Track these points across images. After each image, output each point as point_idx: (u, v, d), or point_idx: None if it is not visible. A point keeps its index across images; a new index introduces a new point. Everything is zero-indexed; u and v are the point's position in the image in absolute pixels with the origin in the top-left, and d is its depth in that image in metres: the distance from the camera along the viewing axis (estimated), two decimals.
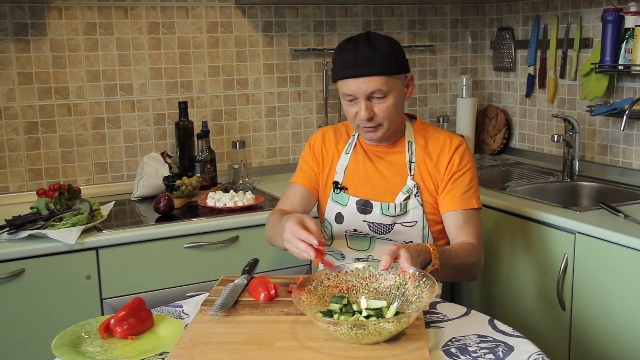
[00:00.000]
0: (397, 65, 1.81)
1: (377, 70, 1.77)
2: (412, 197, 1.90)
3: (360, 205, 1.92)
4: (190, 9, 2.80)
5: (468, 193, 1.90)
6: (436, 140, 1.94)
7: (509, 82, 3.27)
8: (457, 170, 1.90)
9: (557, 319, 2.21)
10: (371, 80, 1.78)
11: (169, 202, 2.35)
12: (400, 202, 1.89)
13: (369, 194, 1.93)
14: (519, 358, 1.35)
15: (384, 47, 1.79)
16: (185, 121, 2.69)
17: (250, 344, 1.40)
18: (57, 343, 1.43)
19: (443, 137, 1.95)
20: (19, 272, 2.04)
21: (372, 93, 1.80)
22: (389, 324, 1.34)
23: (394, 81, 1.81)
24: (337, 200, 1.96)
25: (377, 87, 1.78)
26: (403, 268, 1.53)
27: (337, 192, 1.96)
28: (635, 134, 2.68)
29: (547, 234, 2.21)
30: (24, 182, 2.63)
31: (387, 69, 1.78)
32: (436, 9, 3.26)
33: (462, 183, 1.90)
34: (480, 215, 1.92)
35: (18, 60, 2.56)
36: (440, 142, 1.94)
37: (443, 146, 1.93)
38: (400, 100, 1.85)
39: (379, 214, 1.91)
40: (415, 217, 1.90)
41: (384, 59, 1.77)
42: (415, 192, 1.90)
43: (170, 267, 2.24)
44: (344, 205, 1.95)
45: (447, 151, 1.92)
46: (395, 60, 1.81)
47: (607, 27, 2.57)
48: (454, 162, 1.91)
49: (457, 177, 1.90)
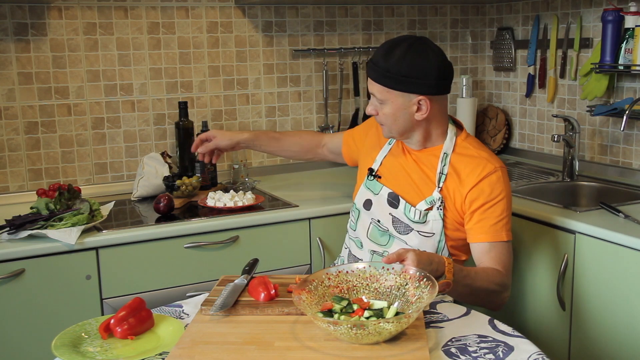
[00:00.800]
0: (398, 82, 1.81)
1: (374, 77, 1.86)
2: (434, 208, 1.87)
3: (390, 198, 1.94)
4: (190, 9, 2.80)
5: (498, 225, 1.83)
6: (471, 158, 1.88)
7: (509, 82, 3.27)
8: (488, 200, 1.83)
9: (557, 319, 2.21)
10: (372, 84, 1.88)
11: (169, 202, 2.35)
12: (421, 210, 1.87)
13: (399, 188, 1.94)
14: (519, 358, 1.35)
15: (395, 61, 1.80)
16: (185, 121, 2.69)
17: (250, 344, 1.41)
18: (57, 343, 1.44)
19: (479, 158, 1.88)
20: (19, 272, 2.04)
21: (373, 94, 1.88)
22: (388, 324, 1.34)
23: (392, 94, 1.84)
24: (370, 187, 2.00)
25: (373, 91, 1.88)
26: (406, 269, 1.53)
27: (371, 180, 2.00)
28: (635, 134, 2.68)
29: (547, 234, 2.21)
30: (24, 182, 2.63)
31: (384, 81, 1.84)
32: (436, 9, 3.26)
33: (492, 214, 1.83)
34: (510, 248, 1.86)
35: (18, 60, 2.56)
36: (474, 162, 1.87)
37: (475, 167, 1.86)
38: (401, 114, 1.86)
39: (402, 212, 1.91)
40: (433, 229, 1.88)
41: (385, 70, 1.82)
42: (439, 204, 1.86)
43: (170, 267, 2.24)
44: (375, 193, 1.98)
45: (476, 174, 1.84)
46: (399, 77, 1.81)
47: (607, 27, 2.57)
48: (482, 190, 1.83)
49: (488, 208, 1.83)
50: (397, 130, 1.90)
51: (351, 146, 2.26)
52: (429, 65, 1.81)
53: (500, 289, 1.80)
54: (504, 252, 1.84)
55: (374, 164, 2.03)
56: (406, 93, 1.83)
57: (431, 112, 1.85)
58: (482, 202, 1.83)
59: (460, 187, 1.86)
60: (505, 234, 1.84)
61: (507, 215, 1.85)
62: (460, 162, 1.88)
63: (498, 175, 1.85)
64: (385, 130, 1.94)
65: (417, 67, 1.80)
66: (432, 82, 1.82)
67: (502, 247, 1.83)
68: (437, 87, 1.84)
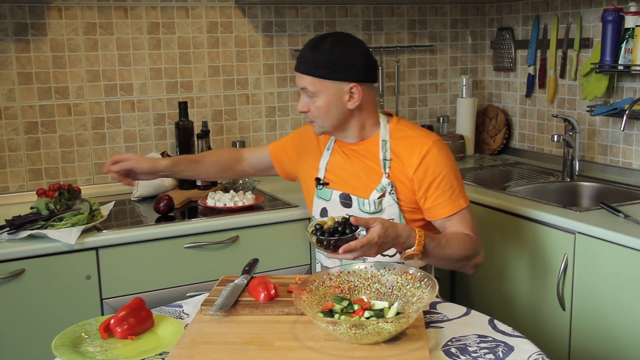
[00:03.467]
0: (330, 71, 1.86)
1: (304, 70, 1.89)
2: (386, 195, 1.91)
3: (342, 199, 1.96)
4: (190, 9, 2.80)
5: (453, 196, 1.88)
6: (408, 139, 1.93)
7: (509, 82, 3.28)
8: (436, 176, 1.88)
9: (557, 319, 2.21)
10: (301, 77, 1.90)
11: (169, 202, 2.35)
12: (375, 200, 1.91)
13: (348, 188, 1.96)
14: (519, 358, 1.35)
15: (324, 52, 1.86)
16: (185, 121, 2.69)
17: (250, 344, 1.41)
18: (57, 343, 1.44)
19: (416, 138, 1.93)
20: (19, 272, 2.04)
21: (303, 89, 1.91)
22: (388, 324, 1.34)
23: (324, 84, 1.87)
24: (321, 196, 2.01)
25: (304, 84, 1.90)
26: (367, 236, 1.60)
27: (320, 188, 2.01)
28: (635, 134, 2.68)
29: (547, 234, 2.21)
30: (24, 182, 2.63)
31: (315, 72, 1.87)
32: (436, 9, 3.26)
33: (444, 188, 1.88)
34: (471, 210, 1.92)
35: (18, 60, 2.56)
36: (412, 143, 1.92)
37: (414, 148, 1.90)
38: (334, 105, 1.89)
39: (357, 209, 1.94)
40: (391, 214, 1.91)
41: (315, 61, 1.86)
42: (390, 189, 1.91)
43: (170, 267, 2.24)
44: (327, 200, 2.00)
45: (416, 155, 1.89)
46: (330, 66, 1.86)
47: (607, 27, 2.57)
48: (427, 167, 1.88)
49: (438, 183, 1.87)
50: (331, 123, 1.92)
51: (284, 161, 2.21)
52: (356, 54, 1.88)
53: (473, 252, 1.86)
54: (467, 217, 1.90)
55: (319, 173, 2.04)
56: (338, 81, 1.87)
57: (363, 100, 1.90)
58: (431, 180, 1.88)
59: (405, 169, 1.90)
60: (463, 200, 1.91)
61: (458, 183, 1.91)
62: (399, 145, 1.93)
63: (436, 150, 1.90)
64: (317, 126, 1.95)
65: (346, 55, 1.87)
66: (361, 69, 1.88)
67: (464, 213, 1.90)
68: (366, 73, 1.90)
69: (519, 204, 2.32)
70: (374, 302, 1.49)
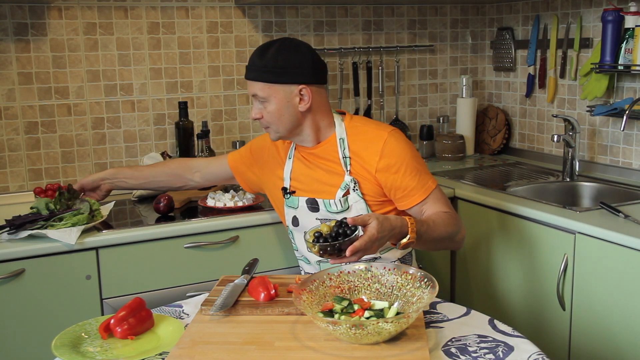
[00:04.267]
0: (278, 75, 1.89)
1: (253, 76, 1.92)
2: (351, 192, 1.93)
3: (309, 204, 1.98)
4: (190, 9, 2.80)
5: (421, 180, 1.92)
6: (364, 134, 1.95)
7: (509, 82, 3.27)
8: (399, 167, 1.90)
9: (557, 319, 2.21)
10: (251, 84, 1.93)
11: (169, 202, 2.35)
12: (340, 199, 1.93)
13: (313, 192, 1.98)
14: (519, 358, 1.35)
15: (270, 57, 1.89)
16: (185, 121, 2.69)
17: (250, 344, 1.41)
18: (57, 343, 1.44)
19: (371, 132, 1.95)
20: (19, 272, 2.04)
21: (254, 96, 1.94)
22: (388, 324, 1.34)
23: (273, 89, 1.90)
24: (290, 205, 2.03)
25: (255, 91, 1.93)
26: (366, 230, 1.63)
27: (288, 197, 2.03)
28: (635, 134, 2.68)
29: (547, 234, 2.21)
30: (24, 182, 2.63)
31: (263, 77, 1.90)
32: (436, 9, 3.26)
33: (410, 175, 1.90)
34: (440, 189, 1.96)
35: (18, 60, 2.56)
36: (367, 138, 1.94)
37: (370, 143, 1.93)
38: (285, 108, 1.91)
39: (325, 212, 1.95)
40: (359, 210, 1.93)
41: (262, 67, 1.89)
42: (354, 186, 1.92)
43: (170, 267, 2.23)
44: (295, 207, 2.01)
45: (374, 148, 1.91)
46: (277, 70, 1.88)
47: (607, 27, 2.57)
48: (388, 159, 1.90)
49: (403, 172, 1.90)
50: (285, 127, 1.94)
51: (246, 173, 2.23)
52: (303, 57, 1.90)
53: (458, 228, 1.91)
54: (440, 196, 1.95)
55: (285, 182, 2.05)
56: (287, 85, 1.90)
57: (314, 102, 1.93)
58: (395, 170, 1.90)
59: (366, 165, 1.92)
60: (431, 182, 1.94)
61: (421, 166, 1.94)
62: (355, 142, 1.95)
63: (393, 139, 1.93)
64: (272, 132, 1.97)
65: (292, 59, 1.89)
66: (309, 71, 1.91)
67: (436, 193, 1.94)
68: (315, 75, 1.92)
69: (519, 204, 2.32)
70: (374, 302, 1.49)
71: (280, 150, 2.11)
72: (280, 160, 2.09)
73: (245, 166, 2.22)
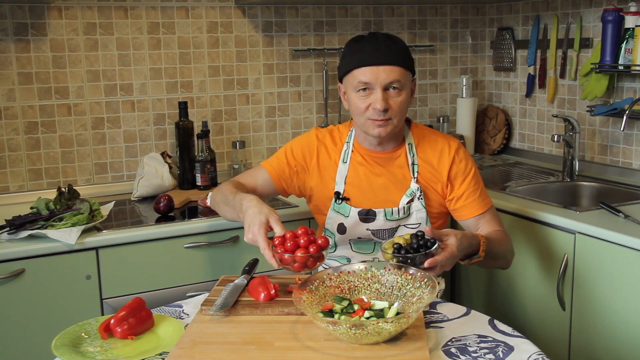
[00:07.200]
0: (411, 63, 1.84)
1: (397, 60, 1.77)
2: (415, 199, 1.90)
3: (362, 215, 1.91)
4: (190, 9, 2.80)
5: (483, 194, 1.94)
6: (434, 143, 1.94)
7: (509, 82, 3.27)
8: (466, 175, 1.92)
9: (557, 319, 2.21)
10: (392, 70, 1.77)
11: (169, 202, 2.35)
12: (404, 206, 1.90)
13: (371, 202, 1.92)
14: (519, 358, 1.35)
15: (400, 43, 1.83)
16: (185, 121, 2.69)
17: (250, 344, 1.41)
18: (57, 343, 1.43)
19: (441, 141, 1.95)
20: (19, 272, 2.04)
21: (390, 83, 1.78)
22: (388, 324, 1.34)
23: (408, 77, 1.83)
24: (339, 210, 1.94)
25: (396, 77, 1.78)
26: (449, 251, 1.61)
27: (339, 203, 1.93)
28: (635, 134, 2.68)
29: (547, 234, 2.21)
30: (24, 182, 2.63)
31: (406, 61, 1.80)
32: (436, 9, 3.26)
33: (474, 186, 1.92)
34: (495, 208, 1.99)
35: (18, 60, 2.56)
36: (439, 146, 1.94)
37: (442, 150, 1.93)
38: (408, 100, 1.85)
39: (382, 221, 1.91)
40: (418, 219, 1.91)
41: (402, 51, 1.80)
42: (419, 194, 1.90)
43: (170, 267, 2.24)
44: (346, 216, 1.93)
45: (446, 156, 1.92)
46: (409, 58, 1.84)
47: (607, 27, 2.57)
48: (458, 167, 1.91)
49: (469, 182, 1.92)
50: (401, 121, 1.87)
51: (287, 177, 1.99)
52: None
53: (511, 247, 1.95)
54: (495, 214, 1.97)
55: (337, 187, 1.93)
56: (412, 75, 1.85)
57: None
58: (462, 179, 1.91)
59: (436, 173, 1.91)
60: (489, 199, 1.97)
61: (482, 182, 1.97)
62: (425, 149, 1.93)
63: (462, 150, 1.95)
64: (391, 125, 1.82)
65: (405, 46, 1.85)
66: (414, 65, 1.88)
67: (493, 210, 1.96)
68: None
69: (519, 204, 2.32)
70: (374, 302, 1.49)
71: (330, 151, 1.96)
72: (331, 162, 1.96)
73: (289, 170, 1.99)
